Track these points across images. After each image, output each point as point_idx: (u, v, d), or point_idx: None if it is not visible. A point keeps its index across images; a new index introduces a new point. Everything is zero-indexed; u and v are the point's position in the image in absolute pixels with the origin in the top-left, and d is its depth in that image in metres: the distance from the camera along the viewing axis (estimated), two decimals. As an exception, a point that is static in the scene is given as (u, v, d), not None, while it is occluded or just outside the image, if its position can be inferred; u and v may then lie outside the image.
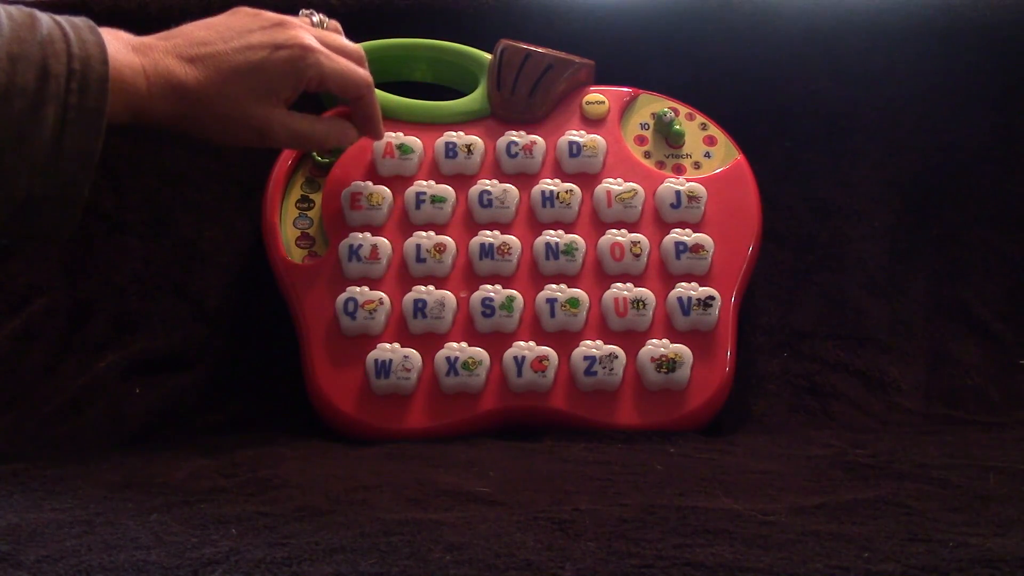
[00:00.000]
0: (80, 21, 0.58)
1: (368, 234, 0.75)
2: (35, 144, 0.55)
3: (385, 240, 0.75)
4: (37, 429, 0.75)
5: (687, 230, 0.75)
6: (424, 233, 0.75)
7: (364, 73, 0.70)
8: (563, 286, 0.73)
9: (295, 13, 0.85)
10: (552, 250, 0.74)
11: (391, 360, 0.70)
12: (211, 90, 0.62)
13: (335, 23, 0.73)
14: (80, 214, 0.59)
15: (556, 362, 0.71)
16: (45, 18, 0.57)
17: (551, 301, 0.72)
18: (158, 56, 0.61)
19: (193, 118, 0.63)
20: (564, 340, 0.72)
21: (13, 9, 0.56)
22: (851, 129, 0.88)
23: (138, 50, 0.61)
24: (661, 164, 0.79)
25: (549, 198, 0.76)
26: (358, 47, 0.71)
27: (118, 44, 0.60)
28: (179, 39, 0.63)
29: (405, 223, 0.76)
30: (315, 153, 0.78)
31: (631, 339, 0.72)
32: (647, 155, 0.79)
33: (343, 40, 0.71)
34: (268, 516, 0.50)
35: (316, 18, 0.71)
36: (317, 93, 0.71)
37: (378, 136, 0.75)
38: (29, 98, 0.54)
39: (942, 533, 0.46)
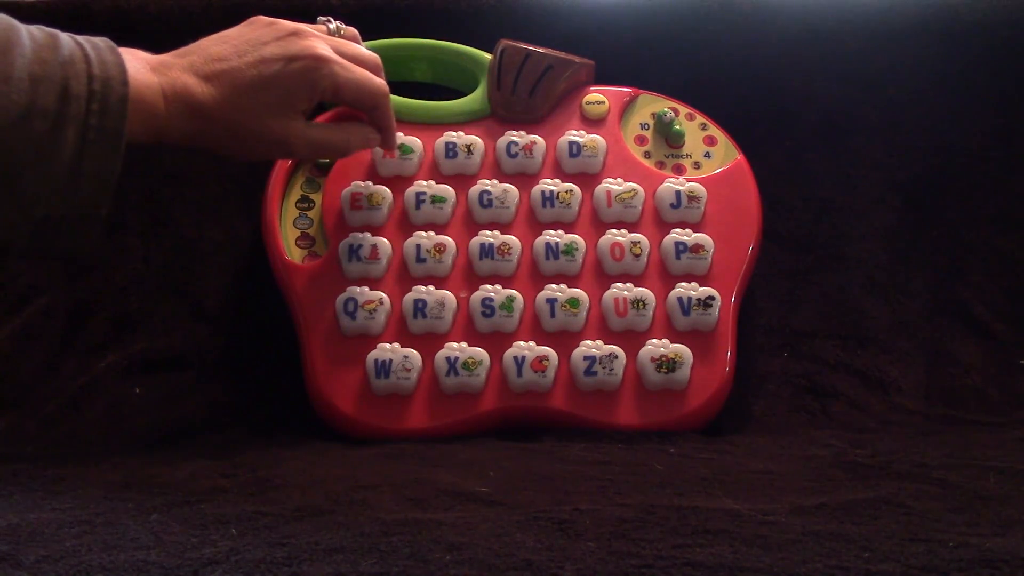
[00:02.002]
0: (101, 41, 0.58)
1: (368, 234, 0.75)
2: (55, 165, 0.55)
3: (385, 240, 0.75)
4: (37, 429, 0.75)
5: (687, 230, 0.75)
6: (424, 233, 0.75)
7: (380, 82, 0.69)
8: (563, 286, 0.73)
9: (307, 16, 0.85)
10: (552, 250, 0.74)
11: (391, 360, 0.70)
12: (227, 107, 0.62)
13: (352, 30, 0.72)
14: (99, 234, 0.59)
15: (556, 362, 0.71)
16: (66, 39, 0.57)
17: (551, 301, 0.72)
18: (175, 75, 0.61)
19: (212, 135, 0.63)
20: (564, 340, 0.72)
21: (35, 29, 0.56)
22: (851, 129, 0.88)
23: (156, 70, 0.61)
24: (661, 164, 0.79)
25: (549, 198, 0.76)
26: (375, 55, 0.71)
27: (137, 64, 0.60)
28: (195, 56, 0.63)
29: (405, 223, 0.76)
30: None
31: (631, 339, 0.72)
32: (647, 155, 0.79)
33: (359, 48, 0.70)
34: (268, 516, 0.50)
35: (333, 25, 0.70)
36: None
37: (391, 147, 0.74)
38: (50, 119, 0.54)
39: (942, 533, 0.46)
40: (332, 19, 0.71)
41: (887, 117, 0.88)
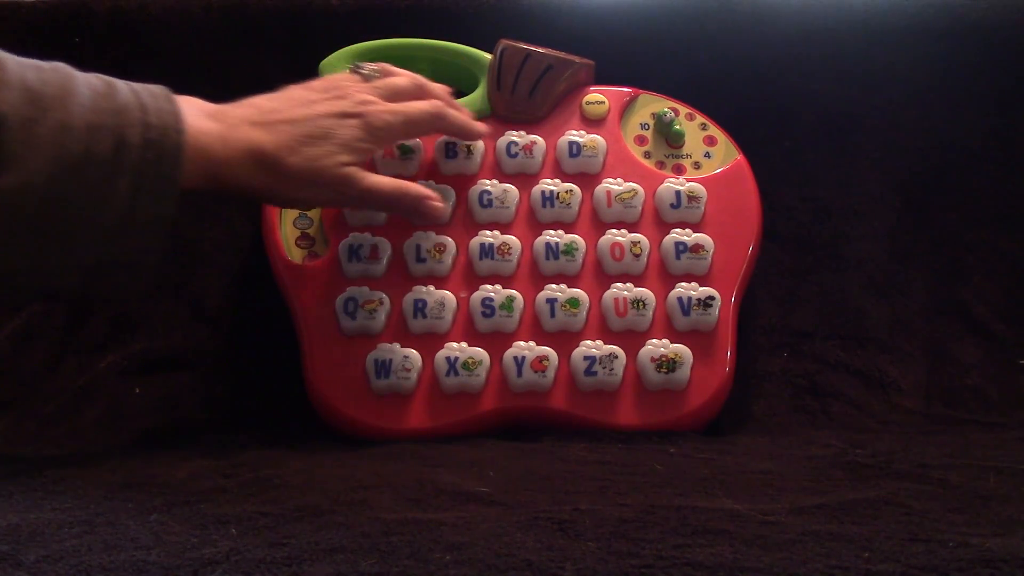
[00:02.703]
0: (157, 89, 0.58)
1: (368, 234, 0.75)
2: (108, 212, 0.55)
3: (385, 240, 0.75)
4: (37, 429, 0.75)
5: (687, 230, 0.75)
6: (424, 233, 0.75)
7: (428, 106, 0.70)
8: (563, 286, 0.73)
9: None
10: (552, 250, 0.74)
11: (391, 360, 0.70)
12: (286, 152, 0.63)
13: (384, 65, 0.73)
14: (151, 279, 0.59)
15: (556, 362, 0.71)
16: (123, 87, 0.57)
17: (551, 301, 0.72)
18: (233, 122, 0.62)
19: (270, 182, 0.63)
20: (564, 340, 0.72)
21: (92, 78, 0.57)
22: (851, 129, 0.88)
23: (213, 116, 0.61)
24: (661, 164, 0.79)
25: (549, 198, 0.76)
26: (412, 78, 0.72)
27: (193, 111, 0.60)
28: (249, 108, 0.64)
29: (405, 223, 0.76)
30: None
31: (631, 339, 0.72)
32: (647, 155, 0.79)
33: (398, 82, 0.71)
34: (268, 516, 0.50)
35: (366, 71, 0.71)
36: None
37: (478, 137, 0.76)
38: (105, 168, 0.54)
39: (942, 533, 0.46)
40: (361, 65, 0.71)
41: (887, 117, 0.88)
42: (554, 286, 0.73)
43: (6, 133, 0.52)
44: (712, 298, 0.72)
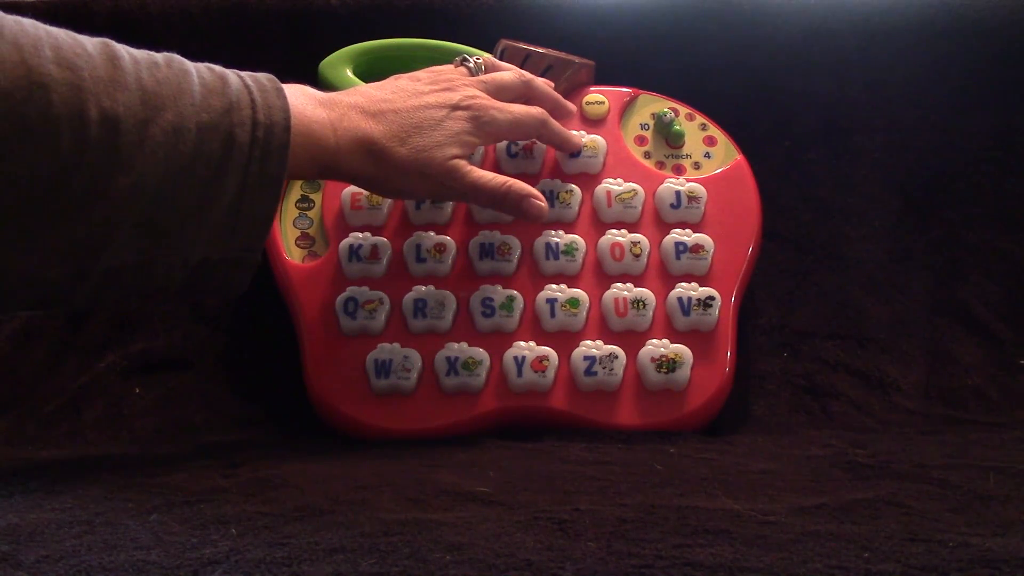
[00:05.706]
0: (267, 81, 0.58)
1: (368, 234, 0.75)
2: (214, 211, 0.55)
3: (385, 240, 0.75)
4: (37, 429, 0.75)
5: (687, 230, 0.75)
6: (424, 233, 0.75)
7: (535, 112, 0.71)
8: (563, 286, 0.73)
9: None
10: (552, 250, 0.74)
11: (391, 360, 0.70)
12: (396, 142, 0.63)
13: (488, 57, 0.73)
14: (252, 274, 0.60)
15: (556, 362, 0.71)
16: (234, 80, 0.57)
17: (551, 301, 0.72)
18: (344, 110, 0.62)
19: (379, 170, 0.64)
20: (564, 340, 0.72)
21: (205, 70, 0.57)
22: (851, 129, 0.88)
23: (325, 105, 0.62)
24: (661, 164, 0.79)
25: (549, 198, 0.76)
26: (519, 74, 0.72)
27: (305, 100, 0.60)
28: (359, 96, 0.64)
29: (405, 223, 0.76)
30: None
31: (631, 339, 0.72)
32: (647, 155, 0.79)
33: (504, 76, 0.71)
34: (268, 516, 0.50)
35: (472, 64, 0.71)
36: None
37: (577, 149, 0.76)
38: (213, 167, 0.55)
39: (942, 533, 0.46)
40: (468, 57, 0.71)
41: (887, 117, 0.88)
42: (554, 286, 0.73)
43: (122, 136, 0.51)
44: (712, 298, 0.72)
